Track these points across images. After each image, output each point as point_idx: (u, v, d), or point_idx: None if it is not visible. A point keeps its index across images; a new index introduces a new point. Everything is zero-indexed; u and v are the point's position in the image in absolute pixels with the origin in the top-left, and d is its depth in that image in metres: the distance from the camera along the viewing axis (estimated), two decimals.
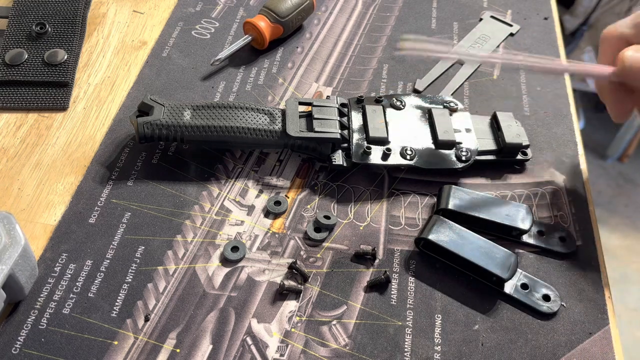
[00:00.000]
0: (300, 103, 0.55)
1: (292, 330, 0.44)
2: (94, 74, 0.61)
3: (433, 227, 0.48)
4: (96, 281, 0.45)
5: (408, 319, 0.45)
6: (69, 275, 0.45)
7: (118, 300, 0.44)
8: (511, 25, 0.70)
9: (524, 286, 0.46)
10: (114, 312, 0.44)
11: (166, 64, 0.63)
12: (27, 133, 0.55)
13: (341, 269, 0.47)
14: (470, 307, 0.46)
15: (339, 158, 0.52)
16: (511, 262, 0.46)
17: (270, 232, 0.49)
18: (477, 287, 0.47)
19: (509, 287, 0.46)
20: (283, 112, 0.54)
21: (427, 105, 0.57)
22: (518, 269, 0.47)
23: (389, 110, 0.56)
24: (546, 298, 0.46)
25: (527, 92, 0.62)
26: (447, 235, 0.47)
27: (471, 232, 0.47)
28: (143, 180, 0.52)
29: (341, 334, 0.44)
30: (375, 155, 0.52)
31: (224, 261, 0.47)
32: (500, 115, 0.56)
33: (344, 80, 0.63)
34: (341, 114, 0.54)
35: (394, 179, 0.54)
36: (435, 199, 0.52)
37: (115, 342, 0.42)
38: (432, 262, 0.48)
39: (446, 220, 0.48)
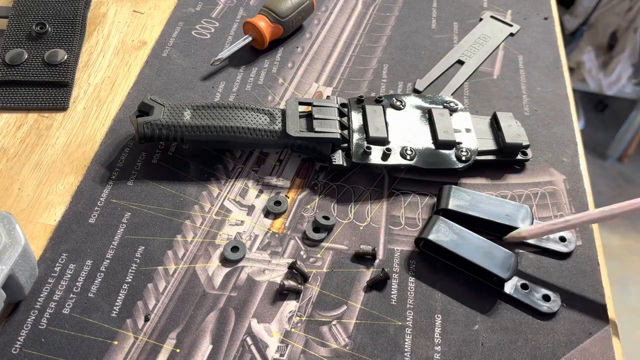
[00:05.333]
0: (300, 103, 0.55)
1: (292, 330, 0.44)
2: (94, 74, 0.61)
3: (433, 227, 0.48)
4: (96, 281, 0.45)
5: (408, 319, 0.45)
6: (69, 275, 0.45)
7: (118, 300, 0.44)
8: (511, 25, 0.70)
9: (524, 286, 0.46)
10: (114, 312, 0.44)
11: (166, 64, 0.63)
12: (27, 133, 0.55)
13: (341, 269, 0.47)
14: (470, 307, 0.46)
15: (339, 158, 0.52)
16: (511, 262, 0.46)
17: (270, 232, 0.49)
18: (477, 287, 0.47)
19: (509, 287, 0.46)
20: (283, 112, 0.54)
21: (427, 105, 0.57)
22: (518, 269, 0.47)
23: (389, 110, 0.56)
24: (546, 298, 0.46)
25: (527, 92, 0.62)
26: (447, 235, 0.47)
27: (471, 232, 0.47)
28: (143, 180, 0.52)
29: (341, 334, 0.44)
30: (375, 155, 0.52)
31: (224, 261, 0.47)
32: (500, 115, 0.56)
33: (344, 80, 0.63)
34: (341, 114, 0.54)
35: (394, 179, 0.54)
36: (435, 199, 0.52)
37: (115, 342, 0.42)
38: (432, 262, 0.48)
39: (446, 220, 0.48)
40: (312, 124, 0.53)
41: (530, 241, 0.49)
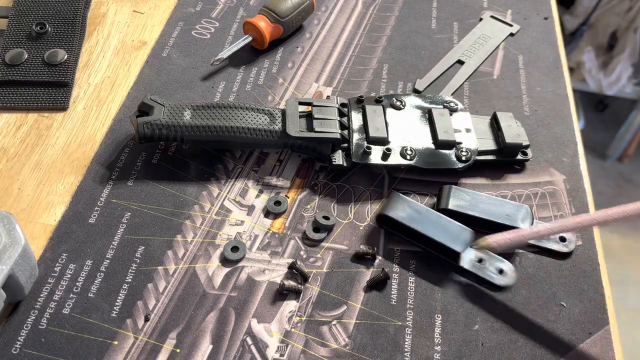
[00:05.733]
0: (300, 103, 0.55)
1: (292, 330, 0.44)
2: (94, 74, 0.61)
3: (391, 203, 0.49)
4: (96, 281, 0.45)
5: (408, 319, 0.45)
6: (69, 275, 0.45)
7: (118, 300, 0.44)
8: (511, 25, 0.70)
9: (480, 260, 0.47)
10: (114, 312, 0.44)
11: (166, 64, 0.63)
12: (27, 133, 0.55)
13: (341, 269, 0.47)
14: (470, 307, 0.46)
15: (339, 158, 0.52)
16: (466, 236, 0.47)
17: (270, 232, 0.49)
18: (478, 287, 0.47)
19: (465, 262, 0.47)
20: (283, 112, 0.54)
21: (427, 105, 0.57)
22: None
23: (389, 110, 0.56)
24: (501, 271, 0.47)
25: (527, 92, 0.62)
26: (405, 211, 0.48)
27: (429, 208, 0.49)
28: (143, 180, 0.52)
29: (341, 334, 0.44)
30: (375, 155, 0.52)
31: (224, 261, 0.47)
32: (500, 115, 0.56)
33: (344, 80, 0.63)
34: (341, 114, 0.54)
35: (394, 179, 0.54)
36: (435, 199, 0.52)
37: (115, 342, 0.42)
38: (432, 262, 0.48)
39: (405, 197, 0.49)
40: (312, 124, 0.53)
41: (531, 241, 0.49)
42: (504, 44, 0.68)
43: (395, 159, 0.52)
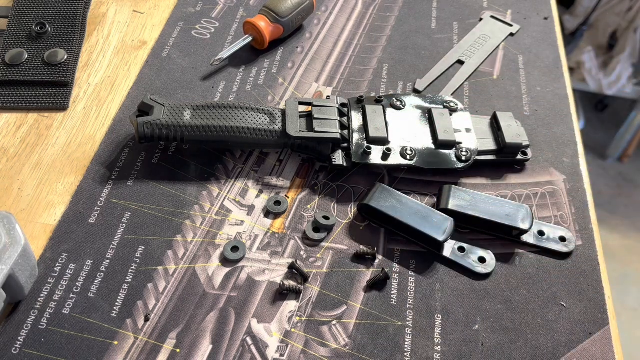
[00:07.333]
0: (300, 103, 0.55)
1: (292, 330, 0.44)
2: (94, 74, 0.61)
3: (374, 194, 0.49)
4: (96, 281, 0.45)
5: (408, 319, 0.45)
6: (69, 275, 0.45)
7: (118, 300, 0.44)
8: (511, 25, 0.70)
9: (461, 249, 0.48)
10: (114, 312, 0.44)
11: (166, 64, 0.63)
12: (27, 133, 0.55)
13: (341, 269, 0.47)
14: (470, 307, 0.46)
15: (339, 158, 0.52)
16: (447, 225, 0.47)
17: (270, 232, 0.49)
18: (478, 287, 0.47)
19: (447, 251, 0.48)
20: (283, 112, 0.54)
21: (427, 105, 0.57)
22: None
23: (389, 110, 0.56)
24: (482, 260, 0.48)
25: (527, 92, 0.62)
26: (388, 201, 0.49)
27: (411, 198, 0.49)
28: (143, 180, 0.52)
29: (341, 334, 0.44)
30: (375, 155, 0.52)
31: (224, 261, 0.47)
32: (500, 115, 0.56)
33: (344, 80, 0.63)
34: (341, 114, 0.54)
35: (394, 179, 0.54)
36: (435, 199, 0.52)
37: (115, 342, 0.42)
38: (432, 262, 0.48)
39: (387, 187, 0.50)
40: (312, 124, 0.53)
41: (531, 241, 0.49)
42: (504, 44, 0.68)
43: (395, 159, 0.52)
